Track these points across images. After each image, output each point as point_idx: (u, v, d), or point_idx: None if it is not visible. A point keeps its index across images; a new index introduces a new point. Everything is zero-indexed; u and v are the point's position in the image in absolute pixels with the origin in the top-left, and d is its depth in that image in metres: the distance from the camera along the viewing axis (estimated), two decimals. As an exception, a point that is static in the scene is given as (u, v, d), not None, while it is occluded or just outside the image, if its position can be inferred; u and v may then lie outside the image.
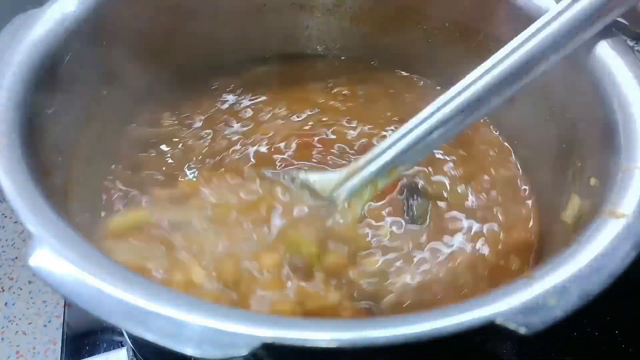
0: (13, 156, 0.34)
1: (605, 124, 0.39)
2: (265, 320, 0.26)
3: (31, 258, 0.28)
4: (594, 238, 0.31)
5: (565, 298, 0.28)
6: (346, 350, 0.26)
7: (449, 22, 0.57)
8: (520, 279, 0.29)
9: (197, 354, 0.25)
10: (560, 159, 0.46)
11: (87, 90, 0.47)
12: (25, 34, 0.41)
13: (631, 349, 0.52)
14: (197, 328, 0.26)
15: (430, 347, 0.28)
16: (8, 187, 0.31)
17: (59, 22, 0.43)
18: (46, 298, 1.26)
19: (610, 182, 0.35)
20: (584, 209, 0.39)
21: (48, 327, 1.22)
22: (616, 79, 0.40)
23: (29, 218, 0.30)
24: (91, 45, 0.46)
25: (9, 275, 1.31)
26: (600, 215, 0.33)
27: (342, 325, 0.27)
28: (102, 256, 0.30)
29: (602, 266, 0.29)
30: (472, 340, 0.31)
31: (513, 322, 0.27)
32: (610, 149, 0.38)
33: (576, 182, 0.42)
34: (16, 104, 0.37)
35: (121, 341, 0.55)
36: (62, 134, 0.43)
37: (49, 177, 0.38)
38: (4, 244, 1.37)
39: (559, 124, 0.47)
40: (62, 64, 0.43)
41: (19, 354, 1.18)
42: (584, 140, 0.43)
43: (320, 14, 0.62)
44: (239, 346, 0.25)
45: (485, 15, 0.53)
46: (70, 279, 0.28)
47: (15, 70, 0.38)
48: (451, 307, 0.27)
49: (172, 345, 0.25)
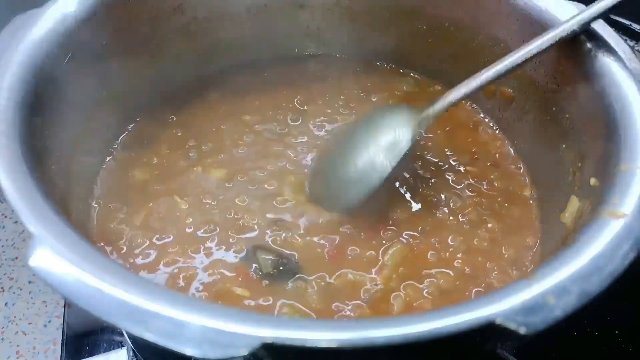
0: (13, 156, 0.34)
1: (605, 124, 0.39)
2: (265, 320, 0.26)
3: (31, 258, 0.28)
4: (594, 238, 0.31)
5: (565, 298, 0.28)
6: (346, 350, 0.26)
7: (449, 22, 0.57)
8: (520, 279, 0.29)
9: (197, 354, 0.25)
10: (561, 158, 0.46)
11: (86, 90, 0.47)
12: (25, 34, 0.41)
13: (631, 349, 0.52)
14: (197, 328, 0.26)
15: (430, 347, 0.28)
16: (8, 187, 0.31)
17: (59, 22, 0.43)
18: (46, 298, 1.26)
19: (610, 182, 0.35)
20: (583, 210, 0.39)
21: (48, 327, 1.22)
22: (616, 79, 0.40)
23: (29, 218, 0.30)
24: (91, 45, 0.47)
25: (9, 275, 1.31)
26: (600, 215, 0.33)
27: (342, 325, 0.27)
28: (102, 256, 0.30)
29: (602, 266, 0.29)
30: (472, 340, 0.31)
31: (513, 322, 0.27)
32: (610, 149, 0.38)
33: (576, 182, 0.42)
34: (16, 104, 0.37)
35: (121, 341, 0.55)
36: (62, 134, 0.43)
37: (48, 177, 0.38)
38: (4, 244, 1.37)
39: (559, 123, 0.47)
40: (62, 64, 0.43)
41: (19, 354, 1.18)
42: (584, 141, 0.43)
43: (320, 14, 0.62)
44: (239, 346, 0.25)
45: (485, 15, 0.53)
46: (70, 279, 0.28)
47: (15, 70, 0.38)
48: (451, 307, 0.27)
49: (172, 345, 0.25)
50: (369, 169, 0.46)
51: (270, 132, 0.55)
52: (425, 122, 0.46)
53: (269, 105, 0.58)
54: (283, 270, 0.43)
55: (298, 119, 0.56)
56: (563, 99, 0.46)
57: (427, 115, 0.46)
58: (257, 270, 0.43)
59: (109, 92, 0.50)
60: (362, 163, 0.47)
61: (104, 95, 0.49)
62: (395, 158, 0.45)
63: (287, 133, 0.55)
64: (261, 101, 0.58)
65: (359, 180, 0.47)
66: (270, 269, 0.43)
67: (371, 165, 0.46)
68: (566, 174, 0.44)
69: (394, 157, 0.46)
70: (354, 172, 0.47)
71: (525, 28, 0.49)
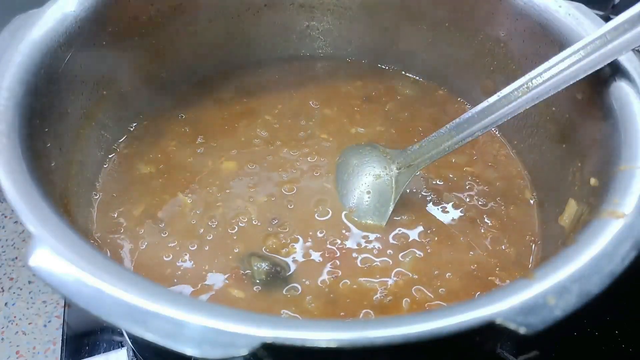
0: (13, 156, 0.34)
1: (605, 124, 0.39)
2: (265, 320, 0.26)
3: (31, 258, 0.28)
4: (594, 238, 0.31)
5: (565, 298, 0.28)
6: (346, 350, 0.26)
7: (449, 22, 0.57)
8: (520, 279, 0.29)
9: (197, 354, 0.25)
10: (561, 158, 0.46)
11: (86, 90, 0.47)
12: (25, 34, 0.41)
13: (631, 349, 0.52)
14: (197, 328, 0.26)
15: (431, 347, 0.28)
16: (8, 187, 0.31)
17: (59, 22, 0.43)
18: (46, 298, 1.26)
19: (610, 182, 0.35)
20: (581, 213, 0.39)
21: (48, 327, 1.22)
22: (616, 78, 0.40)
23: (29, 218, 0.30)
24: (91, 45, 0.47)
25: (9, 275, 1.31)
26: (600, 215, 0.33)
27: (342, 325, 0.27)
28: (102, 256, 0.30)
29: (602, 266, 0.29)
30: (472, 340, 0.31)
31: (513, 322, 0.27)
32: (610, 149, 0.38)
33: (576, 182, 0.42)
34: (16, 104, 0.37)
35: (121, 341, 0.55)
36: (62, 133, 0.43)
37: (49, 177, 0.38)
38: (4, 244, 1.37)
39: (559, 124, 0.47)
40: (62, 64, 0.43)
41: (19, 354, 1.18)
42: (584, 141, 0.43)
43: (320, 14, 0.62)
44: (239, 346, 0.25)
45: (486, 15, 0.53)
46: (70, 279, 0.28)
47: (15, 70, 0.38)
48: (451, 307, 0.27)
49: (172, 345, 0.25)
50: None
51: (270, 132, 0.55)
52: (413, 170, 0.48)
53: (270, 105, 0.58)
54: (275, 278, 0.43)
55: (298, 119, 0.56)
56: (563, 99, 0.46)
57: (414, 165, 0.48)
58: (251, 276, 0.43)
59: (108, 92, 0.50)
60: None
61: (104, 95, 0.49)
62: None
63: (287, 132, 0.55)
64: (261, 101, 0.58)
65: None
66: (263, 276, 0.43)
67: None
68: (566, 174, 0.44)
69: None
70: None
71: (525, 28, 0.49)
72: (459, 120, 0.45)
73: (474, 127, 0.44)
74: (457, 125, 0.45)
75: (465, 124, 0.44)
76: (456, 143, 0.45)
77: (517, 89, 0.42)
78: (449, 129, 0.45)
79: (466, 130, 0.44)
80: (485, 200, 0.50)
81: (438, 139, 0.46)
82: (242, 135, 0.55)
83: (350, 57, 0.64)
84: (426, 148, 0.47)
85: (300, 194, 0.49)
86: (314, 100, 0.59)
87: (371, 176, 0.49)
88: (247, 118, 0.56)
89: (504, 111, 0.42)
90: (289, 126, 0.56)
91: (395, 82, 0.62)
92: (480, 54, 0.55)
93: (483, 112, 0.43)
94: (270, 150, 0.53)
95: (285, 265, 0.44)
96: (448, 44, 0.58)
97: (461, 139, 0.45)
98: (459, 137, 0.45)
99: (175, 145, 0.53)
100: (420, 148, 0.47)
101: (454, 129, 0.45)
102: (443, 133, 0.46)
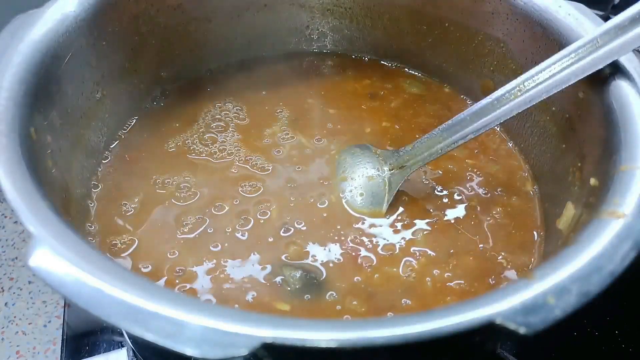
0: (13, 156, 0.34)
1: (605, 124, 0.39)
2: (265, 320, 0.26)
3: (31, 258, 0.28)
4: (594, 238, 0.31)
5: (565, 298, 0.28)
6: (346, 350, 0.26)
7: (448, 22, 0.57)
8: (520, 279, 0.29)
9: (197, 354, 0.25)
10: (561, 158, 0.46)
11: (86, 90, 0.47)
12: (25, 34, 0.41)
13: (631, 349, 0.52)
14: (197, 328, 0.26)
15: (430, 347, 0.28)
16: (8, 187, 0.31)
17: (59, 22, 0.43)
18: (46, 298, 1.27)
19: (610, 182, 0.35)
20: (580, 215, 0.39)
21: (48, 327, 1.22)
22: (616, 78, 0.40)
23: (29, 218, 0.30)
24: (91, 45, 0.47)
25: (9, 275, 1.31)
26: (600, 216, 0.33)
27: (342, 325, 0.27)
28: (102, 256, 0.30)
29: (602, 266, 0.29)
30: (472, 340, 0.31)
31: (513, 322, 0.27)
32: (610, 149, 0.38)
33: (576, 182, 0.42)
34: (16, 104, 0.37)
35: (121, 341, 0.55)
36: (61, 133, 0.43)
37: (49, 177, 0.38)
38: (4, 244, 1.37)
39: (560, 124, 0.47)
40: (62, 64, 0.43)
41: (19, 354, 1.18)
42: (584, 140, 0.43)
43: (320, 14, 0.62)
44: (239, 346, 0.25)
45: (486, 15, 0.53)
46: (70, 279, 0.28)
47: (15, 70, 0.38)
48: (451, 307, 0.27)
49: (172, 345, 0.25)
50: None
51: (270, 132, 0.55)
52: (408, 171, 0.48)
53: (270, 105, 0.58)
54: (311, 284, 0.42)
55: (300, 118, 0.56)
56: (563, 99, 0.46)
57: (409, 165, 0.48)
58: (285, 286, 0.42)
59: (109, 92, 0.50)
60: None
61: (104, 94, 0.49)
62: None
63: (287, 133, 0.55)
64: (261, 101, 0.58)
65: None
66: (299, 285, 0.42)
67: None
68: (566, 173, 0.44)
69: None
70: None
71: (525, 28, 0.49)
72: (451, 122, 0.45)
73: (466, 129, 0.44)
74: (450, 127, 0.45)
75: (458, 126, 0.44)
76: (449, 145, 0.45)
77: (509, 91, 0.42)
78: (441, 131, 0.45)
79: (458, 133, 0.44)
80: (487, 189, 0.50)
81: (430, 141, 0.46)
82: (235, 137, 0.54)
83: (351, 56, 0.64)
84: (419, 149, 0.47)
85: (304, 195, 0.49)
86: (317, 98, 0.59)
87: (364, 177, 0.49)
88: (248, 118, 0.56)
89: (498, 114, 0.42)
90: (292, 126, 0.56)
91: (403, 83, 0.62)
92: (481, 53, 0.55)
93: (476, 114, 0.43)
94: (270, 151, 0.53)
95: (317, 270, 0.43)
96: (448, 44, 0.58)
97: (454, 141, 0.45)
98: (452, 139, 0.45)
99: (175, 145, 0.53)
100: (412, 149, 0.47)
101: (446, 131, 0.45)
102: (435, 135, 0.46)
